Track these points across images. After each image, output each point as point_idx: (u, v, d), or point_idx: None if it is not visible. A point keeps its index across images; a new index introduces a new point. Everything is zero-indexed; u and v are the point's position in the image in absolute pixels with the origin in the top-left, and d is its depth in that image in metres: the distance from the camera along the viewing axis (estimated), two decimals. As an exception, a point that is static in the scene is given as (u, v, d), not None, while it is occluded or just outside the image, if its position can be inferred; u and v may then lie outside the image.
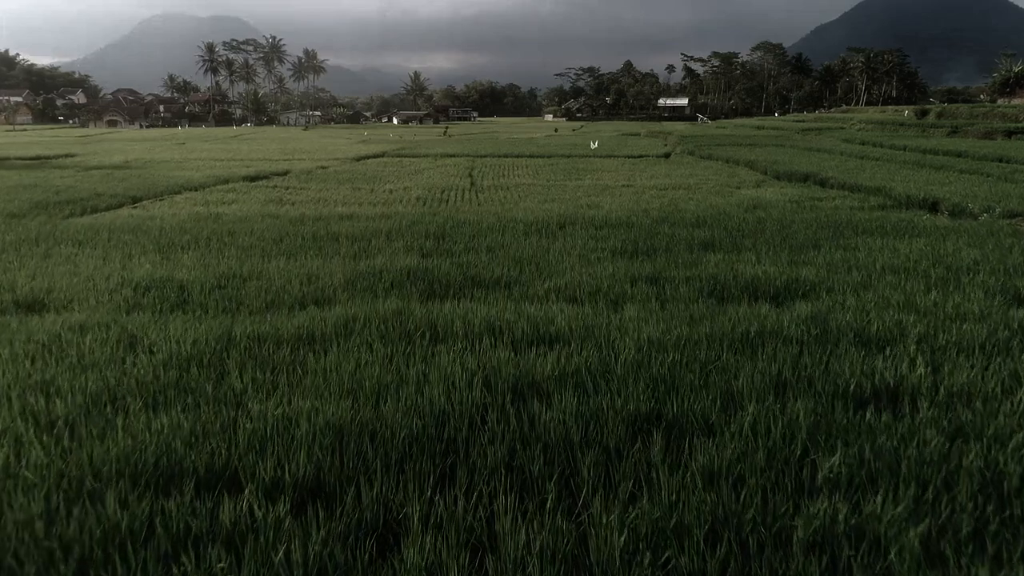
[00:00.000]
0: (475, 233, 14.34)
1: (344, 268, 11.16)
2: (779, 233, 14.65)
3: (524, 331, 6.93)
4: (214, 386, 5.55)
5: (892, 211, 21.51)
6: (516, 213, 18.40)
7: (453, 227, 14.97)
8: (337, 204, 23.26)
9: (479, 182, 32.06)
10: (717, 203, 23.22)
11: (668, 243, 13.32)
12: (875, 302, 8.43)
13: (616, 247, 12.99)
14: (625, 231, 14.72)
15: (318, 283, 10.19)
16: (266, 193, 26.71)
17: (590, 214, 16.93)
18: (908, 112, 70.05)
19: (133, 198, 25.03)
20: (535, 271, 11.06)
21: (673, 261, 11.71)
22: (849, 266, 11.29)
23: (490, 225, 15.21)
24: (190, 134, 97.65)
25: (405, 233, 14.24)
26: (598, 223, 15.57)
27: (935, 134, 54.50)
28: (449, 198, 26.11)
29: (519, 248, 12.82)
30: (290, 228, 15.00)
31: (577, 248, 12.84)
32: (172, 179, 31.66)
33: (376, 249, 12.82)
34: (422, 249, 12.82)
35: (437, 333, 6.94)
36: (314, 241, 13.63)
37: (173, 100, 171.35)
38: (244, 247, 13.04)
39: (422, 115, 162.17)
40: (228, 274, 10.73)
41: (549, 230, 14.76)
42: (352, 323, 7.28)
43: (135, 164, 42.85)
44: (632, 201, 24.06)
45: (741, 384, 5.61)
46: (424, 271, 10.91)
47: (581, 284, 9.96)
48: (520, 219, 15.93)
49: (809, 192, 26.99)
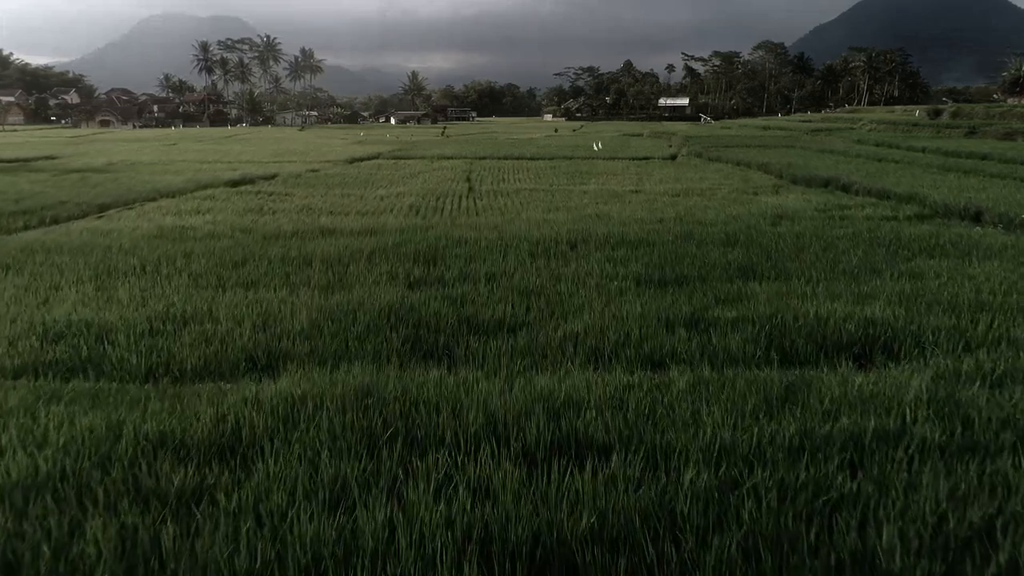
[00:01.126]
0: (472, 255, 12.29)
1: (312, 304, 9.11)
2: (824, 254, 12.61)
3: (540, 427, 4.90)
4: (54, 554, 3.51)
5: (933, 222, 19.50)
6: (519, 227, 16.36)
7: (447, 246, 12.91)
8: (322, 213, 21.21)
9: (477, 187, 30.02)
10: (738, 212, 21.19)
11: (700, 268, 11.28)
12: (1003, 367, 6.38)
13: (639, 273, 10.94)
14: (646, 251, 12.67)
15: (275, 328, 8.15)
16: (247, 201, 24.66)
17: (603, 230, 14.88)
18: (919, 112, 68.05)
19: (100, 207, 22.97)
20: (545, 308, 9.02)
21: (712, 293, 9.66)
22: (927, 301, 9.25)
23: (489, 244, 13.16)
24: (183, 135, 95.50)
25: (391, 255, 12.19)
26: (614, 241, 13.52)
27: (951, 135, 52.49)
28: (445, 206, 24.07)
29: (524, 275, 10.78)
30: (258, 248, 12.95)
31: (594, 275, 10.80)
32: (150, 184, 29.61)
33: (354, 277, 10.78)
34: (409, 277, 10.78)
35: (415, 436, 4.90)
36: (283, 265, 11.59)
37: (168, 100, 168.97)
38: (198, 273, 10.99)
39: (420, 115, 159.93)
40: (166, 314, 8.69)
41: (558, 251, 12.70)
42: (297, 412, 5.26)
43: (117, 167, 40.81)
44: (645, 210, 22.03)
45: (887, 541, 3.56)
46: (409, 309, 8.86)
47: (605, 329, 7.93)
48: (524, 236, 13.88)
49: (834, 199, 24.95)
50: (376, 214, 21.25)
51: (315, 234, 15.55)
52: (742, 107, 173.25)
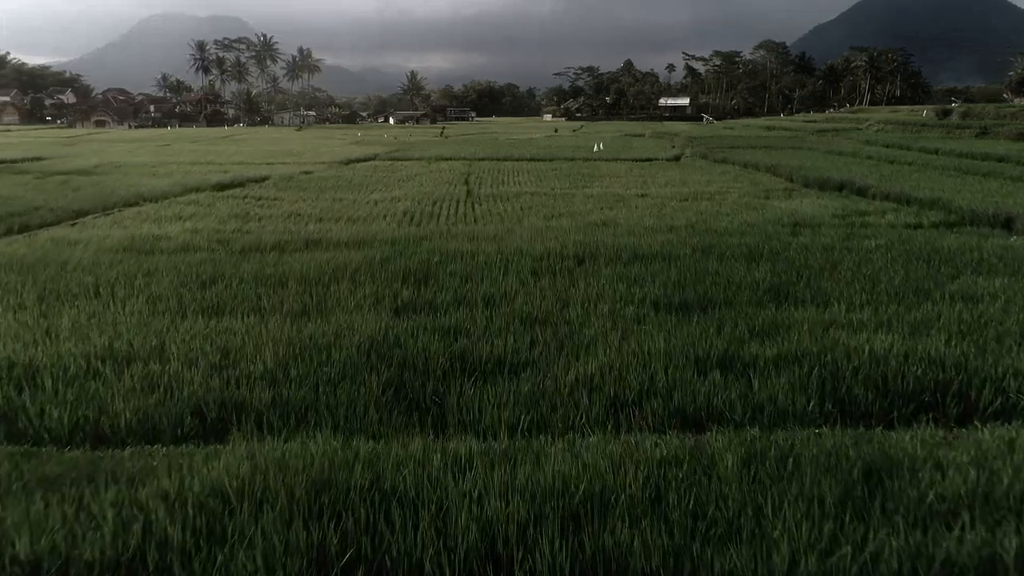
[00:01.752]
0: (468, 272, 11.01)
1: (282, 336, 7.84)
2: (860, 271, 11.33)
3: (554, 547, 3.58)
4: None
5: (963, 230, 18.25)
6: (520, 237, 15.08)
7: (441, 262, 11.63)
8: (309, 220, 19.94)
9: (476, 190, 28.74)
10: (752, 219, 19.94)
11: (725, 289, 10.00)
12: None
13: (657, 295, 9.66)
14: (662, 267, 11.39)
15: (234, 369, 6.88)
16: (232, 206, 23.37)
17: (612, 241, 13.59)
18: (927, 112, 66.72)
19: (76, 213, 21.70)
20: (552, 341, 7.74)
21: (743, 322, 8.39)
22: (995, 333, 7.98)
23: (488, 259, 11.87)
24: (178, 135, 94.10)
25: (378, 272, 10.90)
26: (626, 255, 12.23)
27: (962, 135, 51.20)
28: (441, 212, 22.80)
29: (527, 298, 9.50)
30: (231, 264, 11.65)
31: (606, 298, 9.52)
32: (134, 188, 28.29)
33: (334, 300, 9.50)
34: (396, 300, 9.50)
35: (382, 565, 3.61)
36: (255, 285, 10.31)
37: (165, 100, 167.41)
38: (158, 296, 9.72)
39: (419, 115, 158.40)
40: (109, 350, 7.42)
41: (564, 267, 11.42)
42: (229, 517, 3.98)
43: (104, 169, 39.48)
44: (653, 216, 20.77)
45: None
46: (394, 343, 7.59)
47: (624, 371, 6.66)
48: (526, 249, 12.59)
49: (851, 204, 23.69)
50: (367, 221, 19.99)
51: (298, 246, 14.26)
52: (743, 107, 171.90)
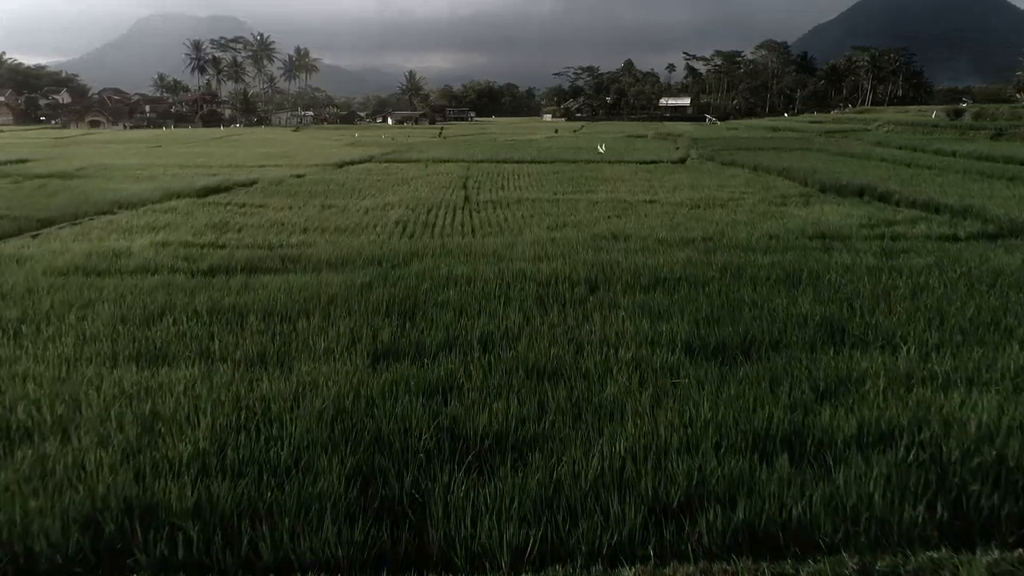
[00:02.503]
0: (464, 303, 9.39)
1: (227, 395, 6.24)
2: (918, 300, 9.73)
3: None
4: None
5: (1007, 243, 16.66)
6: (522, 253, 13.49)
7: (432, 289, 10.02)
8: (293, 232, 18.35)
9: (474, 196, 27.14)
10: (773, 230, 18.35)
11: (769, 326, 8.39)
12: None
13: (689, 335, 8.06)
14: (689, 295, 9.78)
15: (156, 450, 5.29)
16: (212, 214, 21.77)
17: (627, 262, 11.97)
18: (936, 113, 65.08)
19: (41, 222, 20.11)
20: (566, 403, 6.15)
21: (803, 376, 6.80)
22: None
23: (487, 284, 10.25)
24: (172, 136, 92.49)
25: (357, 303, 9.29)
26: (644, 279, 10.62)
27: (976, 137, 49.59)
28: (437, 221, 21.20)
29: (533, 339, 7.90)
30: (187, 292, 10.01)
31: (627, 338, 7.91)
32: (112, 193, 26.69)
33: (301, 342, 7.89)
34: (376, 341, 7.89)
35: None
36: (210, 321, 8.70)
37: (161, 100, 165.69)
38: (91, 335, 8.12)
39: (417, 115, 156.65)
40: (2, 423, 5.79)
41: (575, 296, 9.79)
42: None
43: (88, 172, 37.84)
44: (665, 226, 19.18)
45: None
46: (367, 409, 6.00)
47: (663, 455, 5.05)
48: (531, 272, 10.97)
49: (876, 212, 22.09)
50: (355, 232, 18.39)
51: (272, 265, 12.63)
52: (744, 107, 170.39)
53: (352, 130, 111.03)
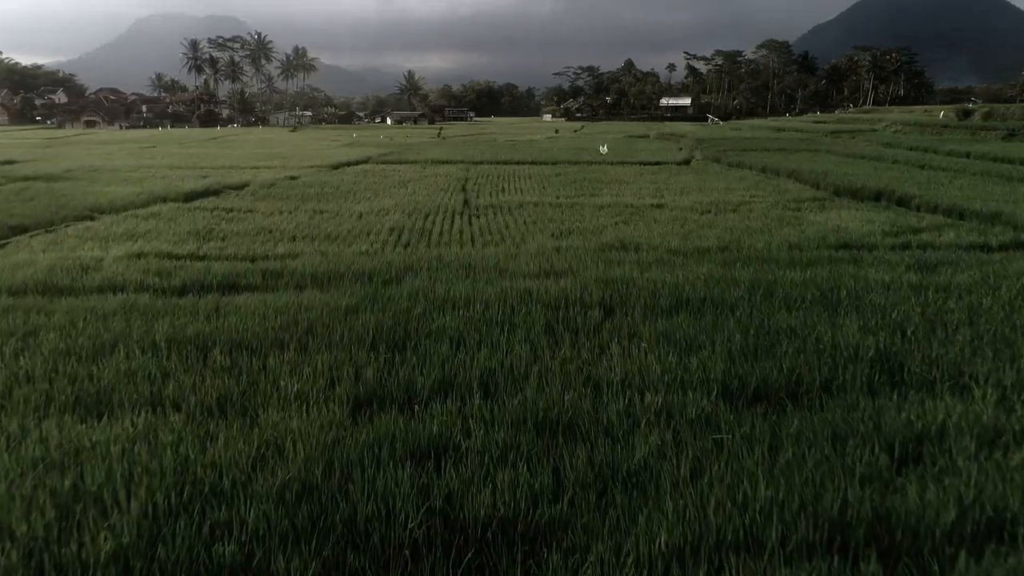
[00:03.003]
0: (462, 330, 8.22)
1: (168, 463, 5.07)
2: (978, 325, 8.56)
3: None
4: None
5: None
6: (527, 267, 12.34)
7: (426, 314, 8.85)
8: (280, 240, 17.19)
9: (474, 200, 25.97)
10: (794, 239, 17.20)
11: (817, 360, 7.23)
12: None
13: (725, 374, 6.90)
14: (717, 321, 8.62)
15: (61, 550, 4.10)
16: (196, 220, 20.61)
17: (642, 278, 10.78)
18: (945, 113, 63.93)
19: (13, 229, 18.97)
20: (589, 476, 5.00)
21: (868, 427, 5.62)
22: None
23: (488, 307, 9.08)
24: (167, 136, 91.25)
25: (340, 330, 8.13)
26: (664, 300, 9.46)
27: (987, 137, 48.44)
28: (434, 227, 20.05)
29: (544, 379, 6.74)
30: (144, 320, 8.81)
31: (654, 379, 6.75)
32: (95, 197, 25.52)
33: (270, 383, 6.73)
34: (358, 383, 6.73)
35: None
36: (167, 355, 7.53)
37: (158, 100, 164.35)
38: (26, 375, 6.93)
39: (416, 115, 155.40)
40: None
41: (589, 321, 8.63)
42: None
43: (74, 174, 36.61)
44: (677, 234, 18.03)
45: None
46: (340, 484, 4.82)
47: (714, 557, 3.88)
48: (538, 292, 9.80)
49: (898, 218, 20.94)
50: (346, 240, 17.22)
51: (251, 281, 11.46)
52: (745, 107, 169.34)
53: (350, 130, 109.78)
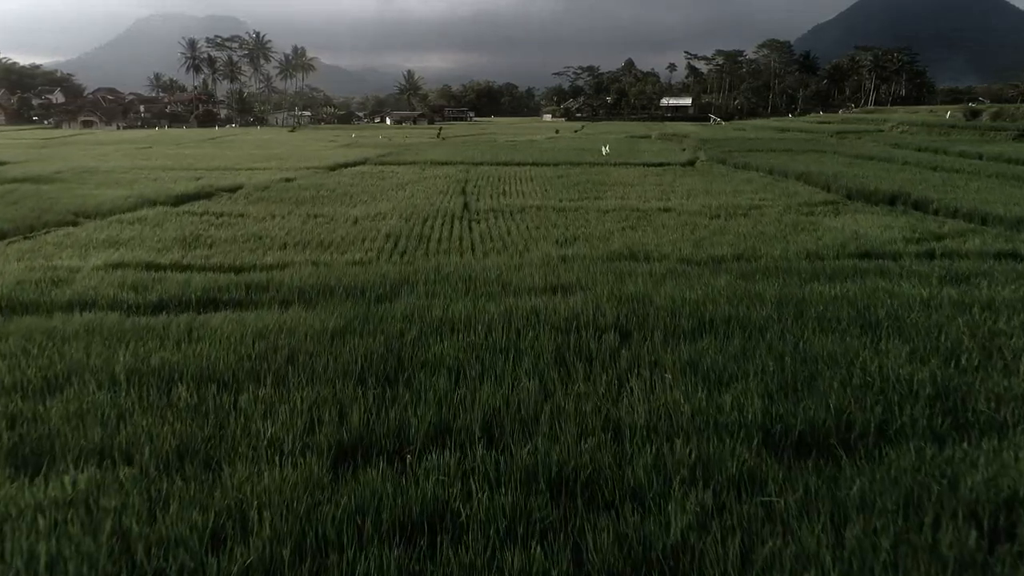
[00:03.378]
0: (461, 359, 7.31)
1: (105, 544, 4.17)
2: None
3: None
4: None
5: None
6: (532, 279, 11.45)
7: (421, 338, 7.95)
8: (270, 248, 16.30)
9: (474, 203, 25.06)
10: (811, 247, 16.33)
11: (867, 397, 6.32)
12: None
13: (764, 415, 5.99)
14: (746, 346, 7.71)
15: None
16: (184, 225, 19.72)
17: (659, 295, 9.88)
18: (951, 113, 63.03)
19: (-11, 235, 18.04)
20: (618, 563, 4.06)
21: (943, 491, 4.73)
22: None
23: (491, 333, 8.15)
24: (164, 136, 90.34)
25: (324, 359, 7.22)
26: (686, 320, 8.55)
27: (997, 138, 47.55)
28: (432, 233, 19.16)
29: (556, 425, 5.84)
30: (107, 345, 7.88)
31: (681, 422, 5.86)
32: (81, 201, 24.63)
33: (240, 427, 5.82)
34: (341, 428, 5.82)
35: None
36: (126, 389, 6.63)
37: (155, 100, 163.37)
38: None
39: (416, 115, 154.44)
40: None
41: (605, 346, 7.71)
42: None
43: (64, 176, 35.72)
44: (688, 240, 17.15)
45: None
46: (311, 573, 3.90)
47: None
48: (545, 311, 8.88)
49: (916, 223, 20.05)
50: (340, 248, 16.33)
51: (234, 297, 10.57)
52: (747, 107, 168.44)
53: (349, 130, 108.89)
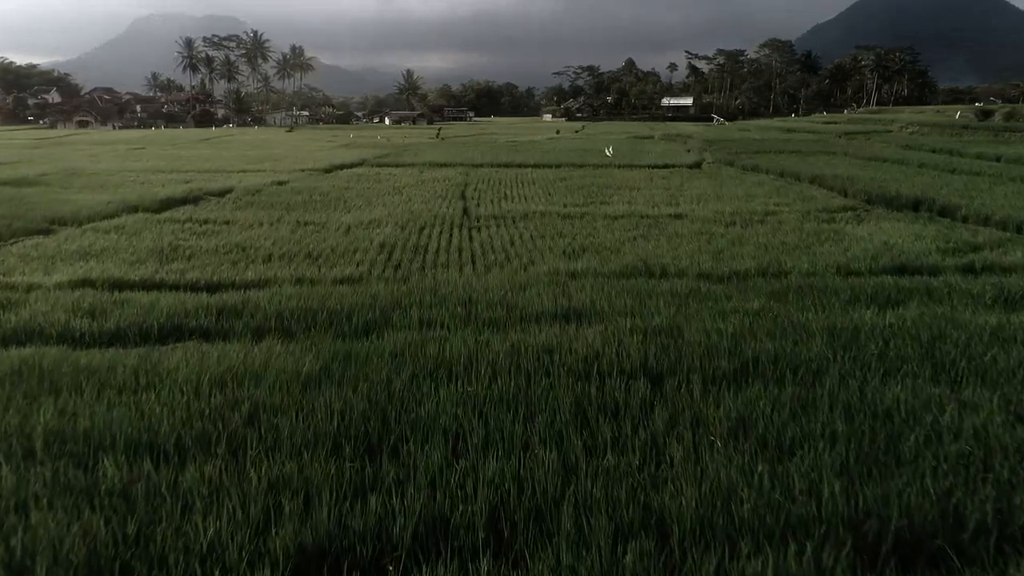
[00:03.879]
0: (462, 418, 5.99)
1: None
2: None
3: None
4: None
5: None
6: (541, 302, 10.15)
7: (414, 385, 6.63)
8: (252, 261, 14.99)
9: (474, 209, 23.76)
10: (838, 257, 15.09)
11: (975, 483, 5.02)
12: None
13: (848, 508, 4.68)
14: (804, 398, 6.41)
15: None
16: (164, 234, 18.43)
17: (691, 330, 8.56)
18: (961, 113, 61.72)
19: (-49, 247, 16.74)
20: None
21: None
22: None
23: (495, 380, 6.81)
24: (160, 136, 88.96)
25: (289, 420, 5.89)
26: (726, 361, 7.24)
27: (1012, 139, 46.28)
28: (429, 243, 17.86)
29: (582, 518, 4.54)
30: (30, 399, 6.57)
31: (743, 511, 4.56)
32: (61, 206, 23.32)
33: (173, 526, 4.49)
34: (304, 525, 4.49)
35: None
36: (36, 468, 5.31)
37: (152, 100, 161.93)
38: None
39: (415, 115, 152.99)
40: None
41: (633, 399, 6.38)
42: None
43: (49, 179, 34.42)
44: (707, 252, 15.88)
45: None
46: None
47: None
48: (559, 351, 7.54)
49: (947, 231, 18.79)
50: (329, 261, 15.03)
51: (201, 324, 9.27)
52: (748, 107, 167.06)
53: (348, 130, 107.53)
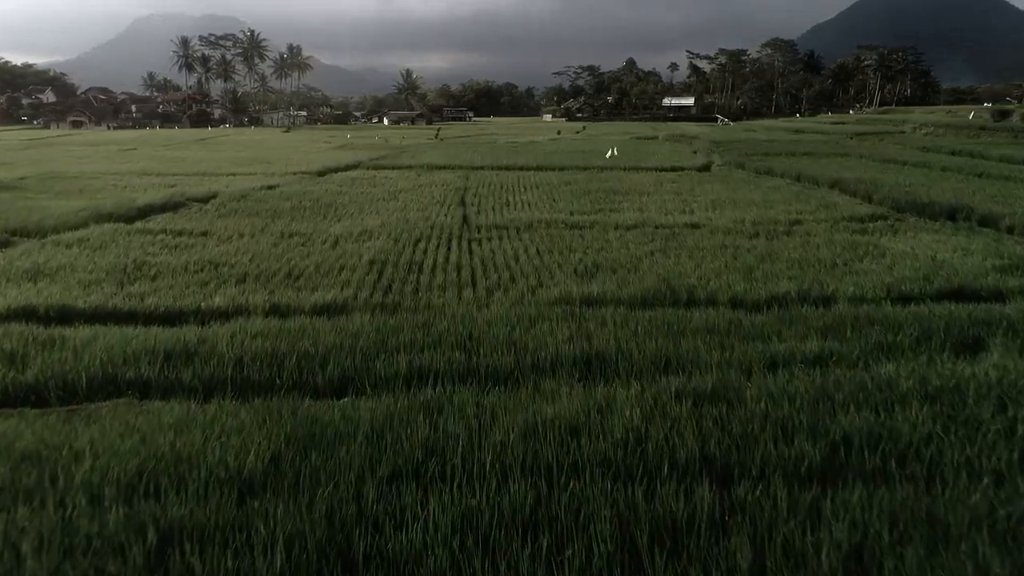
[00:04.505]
0: (457, 544, 4.25)
1: None
2: None
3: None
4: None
5: None
6: (556, 342, 8.41)
7: (391, 494, 4.80)
8: (224, 282, 13.23)
9: (474, 217, 21.97)
10: (883, 276, 13.44)
11: None
12: None
13: None
14: (929, 510, 4.65)
15: None
16: (132, 247, 16.68)
17: (754, 397, 6.77)
18: (975, 114, 60.00)
19: None
20: None
21: None
22: None
23: (505, 485, 4.98)
24: (154, 136, 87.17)
25: (218, 552, 4.18)
26: (810, 447, 5.45)
27: (1033, 141, 44.55)
28: (425, 259, 16.09)
29: None
30: None
31: None
32: (28, 214, 21.53)
33: None
34: None
35: None
36: None
37: (148, 99, 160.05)
38: None
39: (414, 115, 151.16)
40: None
41: (696, 513, 4.62)
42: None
43: (27, 183, 32.67)
44: (737, 271, 14.16)
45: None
46: None
47: None
48: (587, 431, 5.75)
49: (996, 245, 17.11)
50: (310, 283, 13.26)
51: (141, 375, 7.53)
52: (750, 107, 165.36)
53: (346, 131, 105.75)
